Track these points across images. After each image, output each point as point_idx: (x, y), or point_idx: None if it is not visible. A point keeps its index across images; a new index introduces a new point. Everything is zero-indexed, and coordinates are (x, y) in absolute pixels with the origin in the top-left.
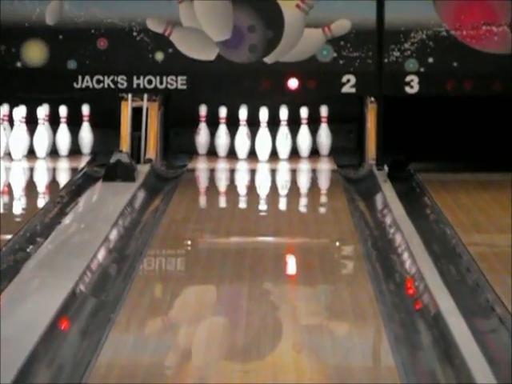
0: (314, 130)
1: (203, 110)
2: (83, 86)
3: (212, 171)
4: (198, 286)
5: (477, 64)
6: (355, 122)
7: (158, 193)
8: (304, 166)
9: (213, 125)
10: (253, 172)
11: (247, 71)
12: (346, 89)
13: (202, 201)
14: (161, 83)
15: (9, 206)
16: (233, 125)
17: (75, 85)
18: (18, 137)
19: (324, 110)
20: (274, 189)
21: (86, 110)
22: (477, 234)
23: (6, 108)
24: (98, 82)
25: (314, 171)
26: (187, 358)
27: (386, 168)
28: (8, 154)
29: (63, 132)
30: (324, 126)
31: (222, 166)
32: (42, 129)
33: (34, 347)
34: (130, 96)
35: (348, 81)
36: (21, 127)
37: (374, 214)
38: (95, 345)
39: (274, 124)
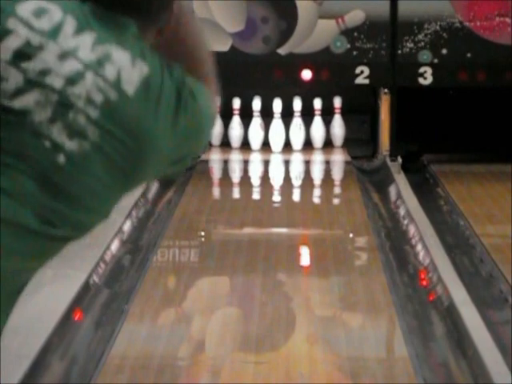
0: (327, 121)
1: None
2: None
3: (225, 162)
4: (211, 277)
5: (490, 55)
6: (369, 113)
7: (172, 184)
8: (317, 157)
9: (226, 116)
10: (266, 163)
11: (261, 62)
12: (360, 80)
13: (216, 192)
14: None
15: None
16: (246, 116)
17: None
18: None
19: (337, 101)
20: (288, 180)
21: None
22: (490, 225)
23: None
24: None
25: (327, 162)
26: (200, 349)
27: (399, 159)
28: None
29: None
30: (337, 117)
31: (235, 157)
32: None
33: (48, 338)
34: None
35: (361, 72)
36: None
37: (388, 205)
38: (109, 336)
39: (287, 115)
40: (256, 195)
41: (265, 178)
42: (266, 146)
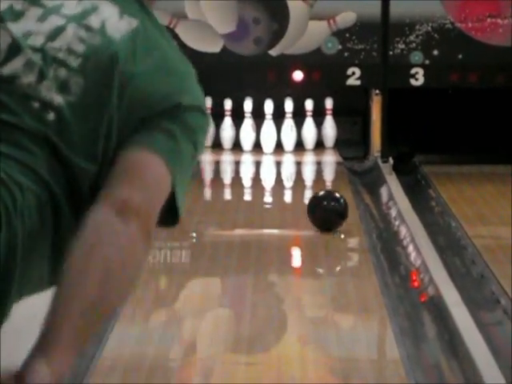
0: (318, 123)
1: (208, 103)
2: None
3: (217, 163)
4: (202, 278)
5: (482, 56)
6: (360, 114)
7: None
8: (309, 159)
9: (218, 117)
10: (258, 164)
11: (252, 63)
12: (351, 81)
13: (207, 193)
14: None
15: None
16: (238, 117)
17: None
18: None
19: (329, 103)
20: (279, 181)
21: None
22: (482, 227)
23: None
24: None
25: (318, 163)
26: (192, 351)
27: (390, 160)
28: None
29: None
30: (329, 119)
31: (226, 159)
32: None
33: None
34: None
35: (353, 73)
36: None
37: (379, 206)
38: (100, 337)
39: (279, 116)
40: (247, 196)
41: (256, 179)
42: (257, 147)
